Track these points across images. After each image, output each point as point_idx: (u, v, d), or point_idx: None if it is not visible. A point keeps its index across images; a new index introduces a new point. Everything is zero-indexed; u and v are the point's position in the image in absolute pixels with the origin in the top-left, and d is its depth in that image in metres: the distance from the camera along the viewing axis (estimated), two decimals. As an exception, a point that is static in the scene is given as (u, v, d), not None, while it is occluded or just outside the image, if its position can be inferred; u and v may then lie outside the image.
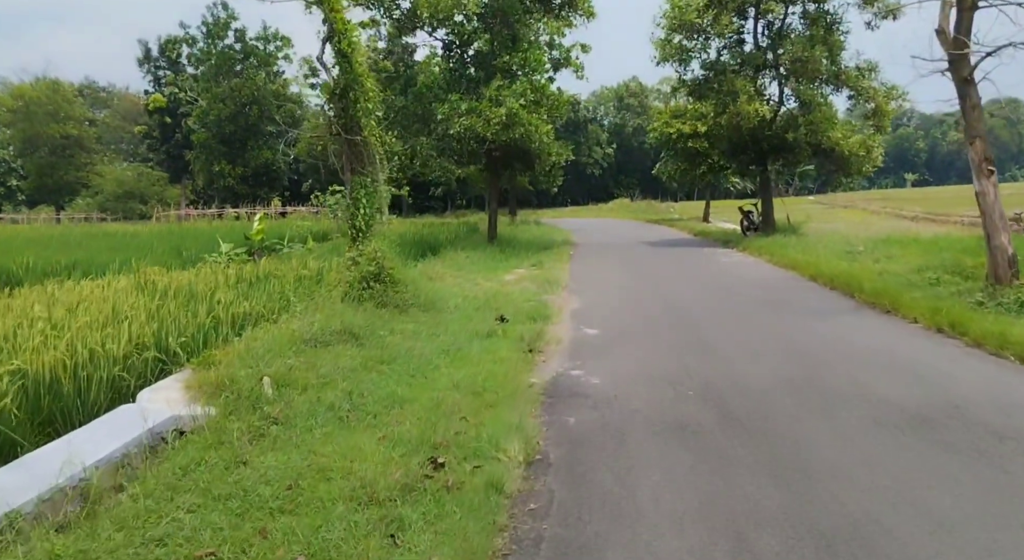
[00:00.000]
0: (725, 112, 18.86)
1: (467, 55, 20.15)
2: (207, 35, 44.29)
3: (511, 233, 25.81)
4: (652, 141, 35.39)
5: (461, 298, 11.33)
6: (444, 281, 14.01)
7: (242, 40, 44.58)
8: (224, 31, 44.50)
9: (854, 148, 18.58)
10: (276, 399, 5.64)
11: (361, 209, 10.87)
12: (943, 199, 48.94)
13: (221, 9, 44.07)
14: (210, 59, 43.70)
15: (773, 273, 14.01)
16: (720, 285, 12.55)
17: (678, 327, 8.72)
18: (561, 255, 18.51)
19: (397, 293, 10.11)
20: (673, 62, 19.98)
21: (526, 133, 17.48)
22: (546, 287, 12.82)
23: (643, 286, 12.83)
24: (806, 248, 16.32)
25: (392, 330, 8.50)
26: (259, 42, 44.98)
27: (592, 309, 10.38)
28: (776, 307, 9.98)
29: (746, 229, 22.32)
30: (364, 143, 10.78)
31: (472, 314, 9.80)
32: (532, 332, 8.31)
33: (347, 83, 10.60)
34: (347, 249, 11.03)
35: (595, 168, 74.11)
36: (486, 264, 16.85)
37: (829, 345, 7.39)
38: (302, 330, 7.84)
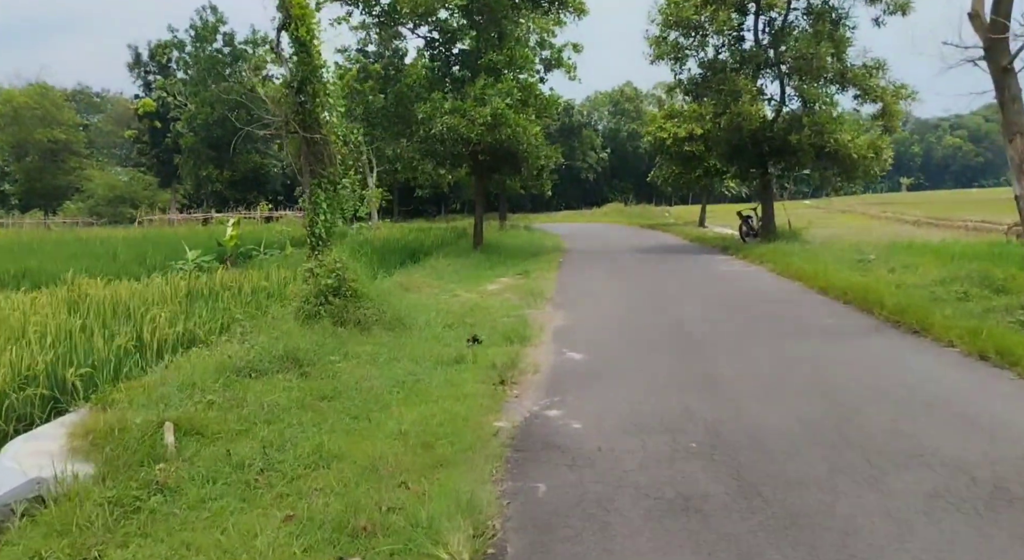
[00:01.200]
0: (725, 113, 17.79)
1: (452, 53, 19.07)
2: (195, 39, 43.08)
3: (499, 239, 24.69)
4: (646, 146, 34.42)
5: (434, 312, 10.21)
6: (420, 292, 12.87)
7: (231, 44, 43.41)
8: (213, 35, 43.32)
9: (862, 150, 17.53)
10: (175, 454, 4.48)
11: (321, 215, 9.72)
12: (942, 203, 48.11)
13: (210, 13, 42.92)
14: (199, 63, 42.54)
15: (778, 284, 12.91)
16: (721, 298, 11.44)
17: (676, 352, 7.59)
18: (550, 263, 17.39)
19: (359, 309, 8.96)
20: (668, 60, 18.91)
21: (513, 134, 16.39)
22: (529, 300, 11.70)
23: (636, 299, 11.71)
24: (811, 256, 15.23)
25: (346, 354, 7.35)
26: (248, 46, 43.83)
27: (578, 328, 9.24)
28: (786, 326, 8.86)
29: (745, 235, 21.26)
30: (324, 141, 9.64)
31: (442, 333, 8.66)
32: (507, 357, 7.16)
33: (305, 75, 9.47)
34: (305, 259, 9.88)
35: (589, 172, 73.22)
36: (468, 273, 15.72)
37: (856, 377, 6.26)
38: (238, 356, 6.69)
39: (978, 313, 8.41)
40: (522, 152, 17.13)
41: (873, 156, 17.88)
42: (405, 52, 25.89)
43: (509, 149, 17.13)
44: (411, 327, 9.20)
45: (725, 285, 13.16)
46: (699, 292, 12.31)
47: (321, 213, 9.74)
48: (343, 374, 6.52)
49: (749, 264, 16.31)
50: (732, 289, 12.55)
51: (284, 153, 46.10)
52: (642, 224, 36.64)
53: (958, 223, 31.03)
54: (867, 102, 18.22)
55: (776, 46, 18.35)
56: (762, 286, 12.80)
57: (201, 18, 42.71)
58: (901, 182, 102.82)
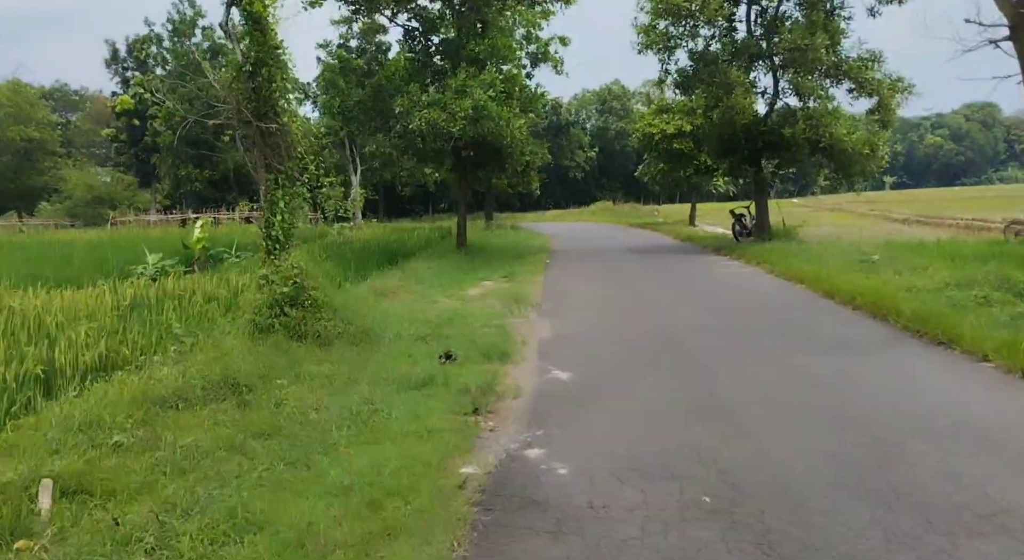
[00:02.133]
0: (717, 106, 16.94)
1: (432, 44, 18.09)
2: (173, 33, 41.66)
3: (484, 239, 23.74)
4: (635, 143, 33.59)
5: (408, 322, 9.28)
6: (395, 299, 11.92)
7: (211, 39, 42.04)
8: (191, 29, 41.93)
9: (858, 146, 16.74)
10: (47, 524, 3.51)
11: (278, 214, 8.74)
12: (927, 201, 47.74)
13: (188, 6, 41.53)
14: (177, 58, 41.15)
15: (779, 288, 12.06)
16: (720, 304, 10.57)
17: (676, 370, 6.69)
18: (536, 265, 16.47)
19: (319, 321, 8.01)
20: (657, 50, 18.03)
21: (496, 128, 15.43)
22: (513, 306, 10.77)
23: (628, 305, 10.82)
24: (810, 256, 14.40)
25: (298, 375, 6.40)
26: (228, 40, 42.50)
27: (565, 340, 8.33)
28: (796, 337, 7.99)
29: (739, 234, 20.44)
30: (281, 132, 8.66)
31: (413, 348, 7.73)
32: (483, 378, 6.23)
33: (259, 56, 8.49)
34: (259, 265, 8.90)
35: (577, 171, 72.49)
36: (450, 276, 14.77)
37: (887, 402, 5.39)
38: (166, 382, 5.72)
39: (1005, 321, 7.56)
40: (506, 147, 16.20)
41: (869, 152, 17.10)
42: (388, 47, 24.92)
43: (492, 144, 16.19)
44: (379, 340, 8.28)
45: (722, 289, 12.30)
46: (695, 297, 11.45)
47: (278, 212, 8.75)
48: (289, 402, 5.57)
49: (745, 265, 15.47)
50: (730, 293, 11.69)
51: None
52: (631, 223, 35.82)
53: (949, 221, 30.45)
54: (862, 96, 17.44)
55: (769, 37, 17.52)
56: (762, 290, 11.95)
57: (178, 11, 41.35)
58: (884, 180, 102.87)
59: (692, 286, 12.76)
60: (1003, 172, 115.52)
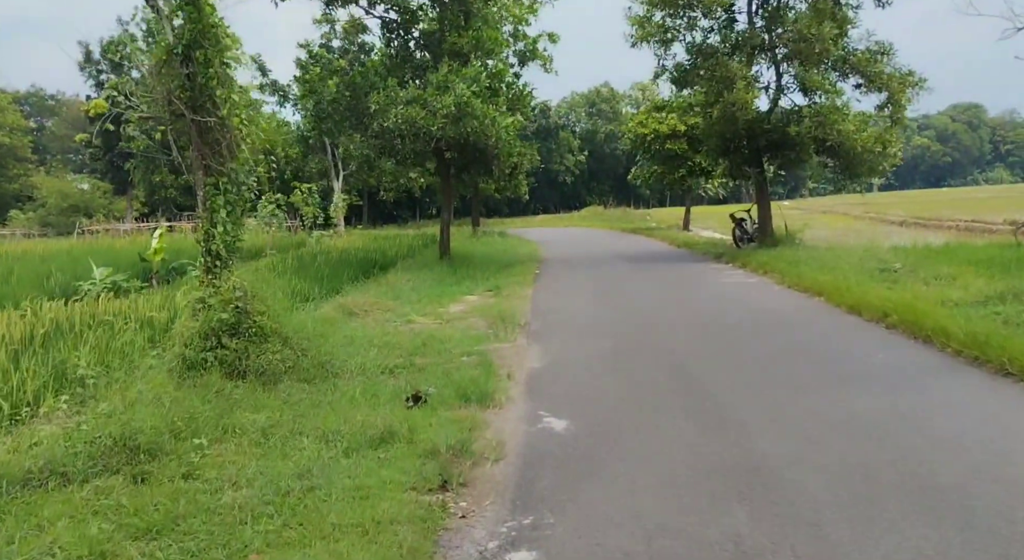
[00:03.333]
0: (717, 102, 15.78)
1: (412, 36, 16.82)
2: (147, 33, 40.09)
3: (469, 248, 22.46)
4: (626, 144, 32.45)
5: (376, 349, 8.03)
6: (366, 318, 10.63)
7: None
8: (163, 28, 40.39)
9: (868, 143, 15.62)
10: None
11: (219, 225, 7.42)
12: (918, 203, 46.84)
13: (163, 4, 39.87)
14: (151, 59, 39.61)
15: (795, 302, 10.85)
16: (731, 324, 9.34)
17: (696, 415, 5.44)
18: (524, 276, 15.20)
19: (265, 353, 6.73)
20: (653, 43, 16.86)
21: (480, 127, 14.18)
22: (498, 327, 9.52)
23: (627, 326, 9.57)
24: (823, 264, 13.24)
25: (226, 429, 5.11)
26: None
27: (558, 372, 7.07)
28: (830, 366, 6.77)
29: (739, 239, 19.30)
30: (222, 127, 7.37)
31: (377, 384, 6.46)
32: (458, 431, 4.96)
33: (193, 36, 7.20)
34: (197, 286, 7.57)
35: (567, 175, 71.47)
36: (430, 290, 13.49)
37: (977, 465, 4.16)
38: (42, 447, 4.42)
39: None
40: (492, 148, 14.95)
41: (880, 150, 15.99)
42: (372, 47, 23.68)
43: (477, 145, 14.93)
44: (339, 374, 7.01)
45: (731, 303, 11.08)
46: (701, 313, 10.22)
47: (219, 223, 7.44)
48: (203, 473, 4.28)
49: (751, 274, 14.28)
50: (741, 309, 10.47)
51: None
52: (623, 228, 34.65)
53: (947, 223, 29.54)
54: (871, 91, 16.34)
55: (771, 28, 16.39)
56: (776, 304, 10.74)
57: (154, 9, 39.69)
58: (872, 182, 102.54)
59: (696, 301, 11.54)
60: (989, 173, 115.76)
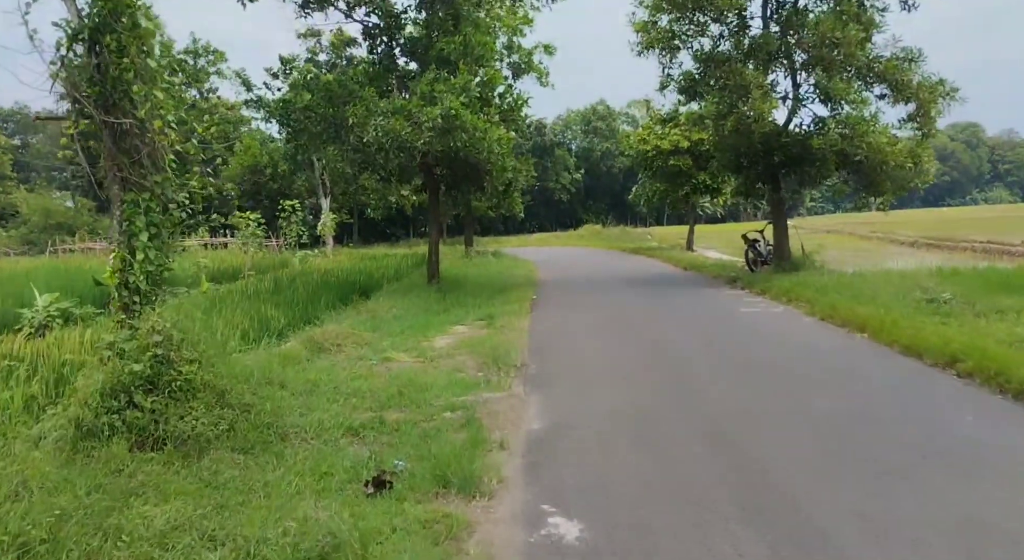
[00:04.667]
0: (731, 113, 14.43)
1: (396, 43, 15.47)
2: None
3: (461, 270, 20.99)
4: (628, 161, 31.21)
5: (341, 400, 6.58)
6: (338, 355, 9.12)
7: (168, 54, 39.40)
8: (147, 43, 39.21)
9: (900, 158, 14.27)
10: None
11: (140, 252, 5.91)
12: (924, 222, 45.64)
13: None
14: None
15: (836, 339, 9.35)
16: (771, 369, 7.82)
17: (757, 517, 3.89)
18: (520, 303, 13.68)
19: (190, 414, 5.22)
20: (660, 50, 15.54)
21: (471, 140, 12.76)
22: (491, 368, 8.04)
23: (646, 370, 8.05)
24: (855, 292, 11.79)
25: (107, 536, 3.58)
26: (188, 56, 39.83)
27: (564, 438, 5.54)
28: (922, 442, 5.25)
29: (752, 262, 17.87)
30: (142, 131, 5.89)
31: (334, 454, 4.98)
32: (428, 545, 3.43)
33: (103, 19, 5.76)
34: (112, 325, 6.05)
35: (563, 193, 70.37)
36: (415, 319, 11.99)
37: None
38: None
39: None
40: (484, 163, 13.53)
41: (913, 166, 14.64)
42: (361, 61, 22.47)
43: (467, 160, 13.52)
44: (288, 438, 5.53)
45: (761, 340, 9.58)
46: (729, 353, 8.71)
47: (140, 249, 5.92)
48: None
49: (774, 303, 12.80)
50: (774, 348, 8.96)
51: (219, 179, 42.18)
52: (623, 248, 33.22)
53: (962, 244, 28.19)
54: (898, 101, 15.02)
55: (788, 32, 15.08)
56: (814, 342, 9.24)
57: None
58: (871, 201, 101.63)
59: (719, 336, 10.02)
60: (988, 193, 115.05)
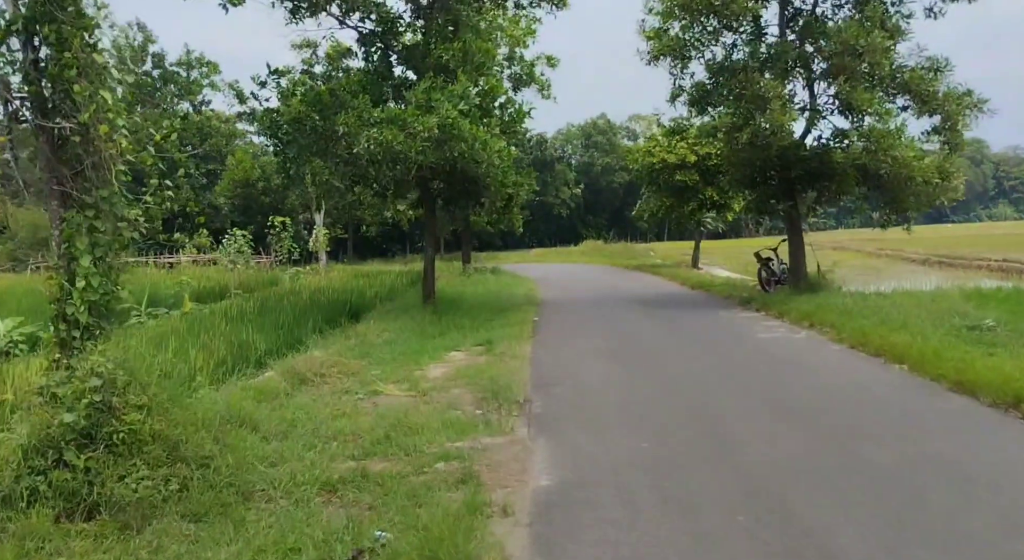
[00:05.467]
0: (747, 125, 13.62)
1: (392, 51, 14.72)
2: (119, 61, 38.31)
3: (458, 289, 20.11)
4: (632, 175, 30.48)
5: (320, 443, 5.83)
6: (322, 388, 8.23)
7: (161, 66, 38.82)
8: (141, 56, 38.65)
9: (927, 173, 13.45)
10: None
11: (80, 279, 5.03)
12: (931, 239, 44.72)
13: (137, 31, 38.32)
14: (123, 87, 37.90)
15: (871, 372, 8.44)
16: (808, 408, 6.90)
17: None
18: (521, 325, 12.78)
19: (133, 474, 4.32)
20: (671, 61, 14.78)
21: (469, 151, 11.94)
22: (490, 404, 7.16)
23: (666, 408, 7.13)
24: (883, 316, 10.89)
25: None
26: (180, 68, 39.26)
27: (579, 500, 4.61)
28: (994, 509, 4.36)
29: (766, 282, 16.99)
30: (85, 138, 5.04)
31: (304, 519, 4.06)
32: None
33: (41, 8, 4.91)
34: (47, 365, 5.16)
35: (562, 208, 69.68)
36: (408, 343, 11.09)
37: None
38: None
39: None
40: (483, 176, 12.70)
41: (940, 181, 13.81)
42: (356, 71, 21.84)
43: (466, 172, 12.70)
44: (252, 497, 4.64)
45: (788, 371, 8.67)
46: (757, 387, 7.80)
47: (81, 275, 5.04)
48: None
49: (795, 327, 11.90)
50: (805, 381, 8.05)
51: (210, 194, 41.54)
52: (626, 265, 32.37)
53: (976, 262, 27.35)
54: (923, 113, 14.22)
55: (805, 39, 14.31)
56: (847, 374, 8.33)
57: (126, 37, 38.07)
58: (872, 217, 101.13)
59: (740, 365, 9.12)
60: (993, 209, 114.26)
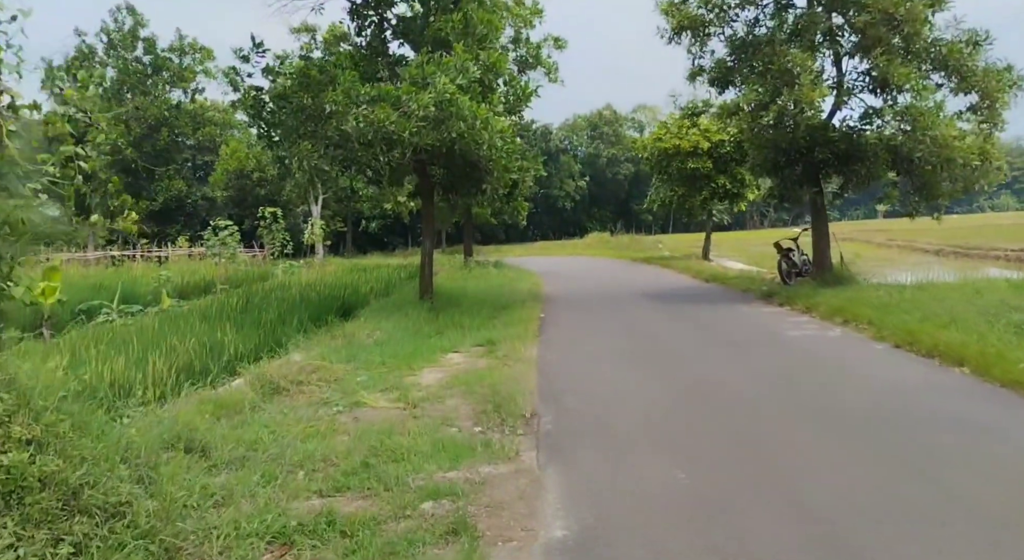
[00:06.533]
0: (773, 103, 12.45)
1: (388, 22, 13.59)
2: (109, 45, 37.12)
3: (459, 283, 19.02)
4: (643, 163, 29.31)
5: (281, 478, 4.67)
6: (297, 398, 7.15)
7: (152, 51, 37.61)
8: (131, 41, 37.44)
9: (968, 154, 12.30)
10: None
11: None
12: (938, 230, 43.50)
13: (127, 15, 37.01)
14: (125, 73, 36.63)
15: (927, 375, 7.34)
16: (860, 418, 5.80)
17: None
18: (526, 323, 11.69)
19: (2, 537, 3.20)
20: (690, 37, 13.61)
21: (469, 132, 10.81)
22: (491, 420, 6.09)
23: (695, 422, 6.03)
24: (925, 311, 9.77)
25: None
26: (172, 54, 38.04)
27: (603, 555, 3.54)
28: None
29: (787, 274, 15.88)
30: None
31: None
32: None
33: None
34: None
35: (567, 201, 68.51)
36: (401, 344, 9.99)
37: None
38: None
39: None
40: (485, 160, 11.59)
41: (981, 163, 12.65)
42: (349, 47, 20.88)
43: (465, 155, 11.59)
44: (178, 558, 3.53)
45: (828, 376, 7.56)
46: (796, 396, 6.69)
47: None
48: None
49: (827, 324, 10.79)
50: (852, 388, 6.95)
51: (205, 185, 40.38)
52: (634, 257, 31.23)
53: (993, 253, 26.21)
54: (959, 90, 13.04)
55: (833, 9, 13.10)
56: (900, 379, 7.23)
57: (116, 20, 36.77)
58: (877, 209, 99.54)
59: (774, 369, 8.01)
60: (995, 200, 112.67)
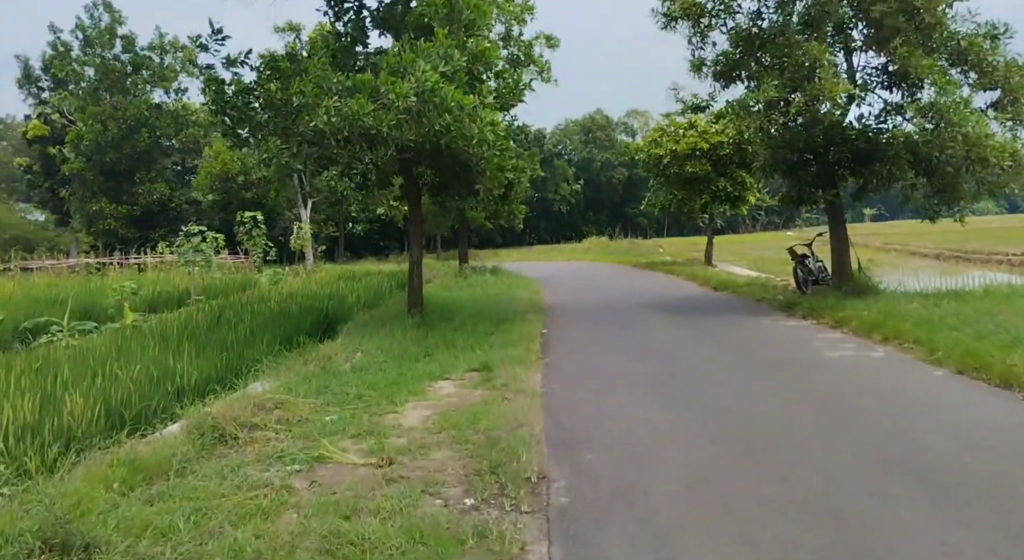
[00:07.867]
0: (791, 100, 11.29)
1: (367, 11, 12.38)
2: (85, 43, 35.70)
3: (453, 292, 17.78)
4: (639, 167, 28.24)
5: None
6: (246, 450, 5.81)
7: (131, 49, 36.24)
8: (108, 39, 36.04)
9: (999, 155, 11.19)
10: None
11: None
12: (928, 233, 42.57)
13: (103, 11, 35.63)
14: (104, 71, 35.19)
15: (1021, 415, 6.16)
16: (960, 479, 4.54)
17: None
18: (527, 342, 10.37)
19: None
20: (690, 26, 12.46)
21: (455, 125, 9.57)
22: (488, 485, 4.86)
23: (750, 479, 4.75)
24: (978, 328, 8.62)
25: None
26: (153, 52, 36.70)
27: None
28: None
29: (803, 282, 14.74)
30: None
31: None
32: None
33: None
34: None
35: (562, 205, 67.52)
36: (383, 370, 8.68)
37: None
38: None
39: None
40: (475, 158, 10.38)
41: (1012, 164, 11.54)
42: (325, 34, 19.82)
43: (454, 153, 10.37)
44: None
45: (896, 413, 6.31)
46: (869, 446, 5.45)
47: None
48: None
49: (867, 342, 9.56)
50: (932, 431, 5.70)
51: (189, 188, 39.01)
52: (635, 263, 30.03)
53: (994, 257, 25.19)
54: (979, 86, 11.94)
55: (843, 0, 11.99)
56: (984, 419, 6.00)
57: (92, 17, 35.39)
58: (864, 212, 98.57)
59: (825, 403, 6.78)
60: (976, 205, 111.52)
